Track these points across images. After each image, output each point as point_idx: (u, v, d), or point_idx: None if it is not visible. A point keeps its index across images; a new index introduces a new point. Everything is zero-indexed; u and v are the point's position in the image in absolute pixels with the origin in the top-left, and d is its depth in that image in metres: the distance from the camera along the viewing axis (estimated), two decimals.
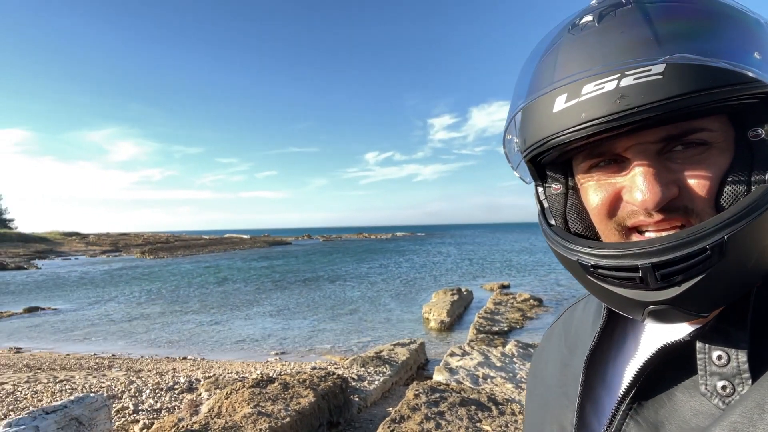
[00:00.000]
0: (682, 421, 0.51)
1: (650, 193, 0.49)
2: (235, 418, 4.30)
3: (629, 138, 0.51)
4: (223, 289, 23.56)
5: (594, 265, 0.52)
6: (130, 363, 9.56)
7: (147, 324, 15.27)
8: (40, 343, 12.78)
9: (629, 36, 0.47)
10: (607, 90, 0.47)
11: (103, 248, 61.23)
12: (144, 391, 6.39)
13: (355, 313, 16.01)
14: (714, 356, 0.50)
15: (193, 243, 63.70)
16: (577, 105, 0.49)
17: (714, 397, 0.50)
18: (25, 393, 6.28)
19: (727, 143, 0.50)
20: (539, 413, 0.72)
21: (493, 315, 13.64)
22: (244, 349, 11.71)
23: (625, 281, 0.50)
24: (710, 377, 0.50)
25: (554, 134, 0.51)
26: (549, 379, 0.73)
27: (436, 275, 27.65)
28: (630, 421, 0.55)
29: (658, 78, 0.45)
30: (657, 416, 0.53)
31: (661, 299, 0.48)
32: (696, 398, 0.51)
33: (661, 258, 0.47)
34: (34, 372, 8.03)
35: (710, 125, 0.49)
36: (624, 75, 0.46)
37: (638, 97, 0.45)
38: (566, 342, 0.75)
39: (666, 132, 0.49)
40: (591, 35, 0.50)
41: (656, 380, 0.55)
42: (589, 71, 0.48)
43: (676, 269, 0.47)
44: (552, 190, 0.63)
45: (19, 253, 48.11)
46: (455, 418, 4.41)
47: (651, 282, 0.48)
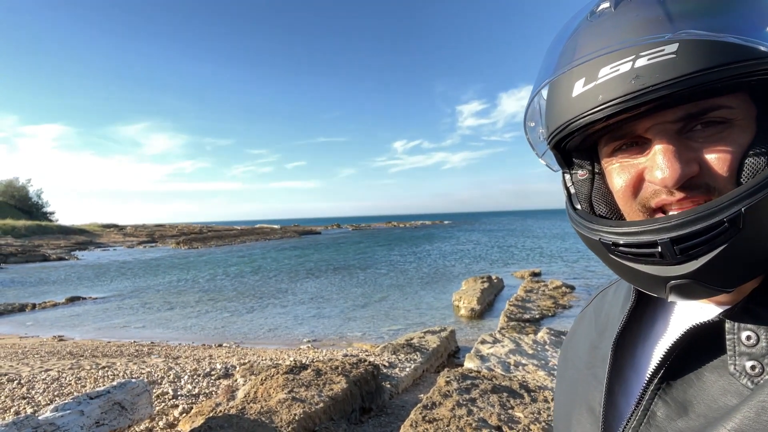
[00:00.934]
0: (711, 400, 0.51)
1: (670, 170, 0.50)
2: (270, 403, 4.39)
3: (649, 118, 0.52)
4: (256, 278, 23.97)
5: (614, 243, 0.53)
6: (168, 350, 9.84)
7: (183, 312, 15.67)
8: (82, 331, 13.24)
9: (642, 17, 0.48)
10: (623, 71, 0.48)
11: (139, 239, 62.82)
12: (182, 377, 6.57)
13: (385, 301, 16.10)
14: (743, 336, 0.51)
15: (225, 233, 64.81)
16: (595, 88, 0.50)
17: (743, 376, 0.50)
18: (69, 379, 6.54)
19: (748, 120, 0.50)
20: (569, 395, 0.73)
21: (524, 302, 13.52)
22: (277, 337, 11.92)
23: (646, 257, 0.51)
24: (739, 357, 0.51)
25: (574, 118, 0.53)
26: (578, 362, 0.74)
27: (466, 263, 27.53)
28: (658, 400, 0.55)
29: (672, 57, 0.46)
30: (685, 396, 0.54)
31: (682, 273, 0.49)
32: (725, 378, 0.51)
33: (678, 232, 0.48)
34: (77, 359, 8.34)
35: (730, 102, 0.49)
36: (638, 56, 0.47)
37: (652, 77, 0.46)
38: (596, 325, 0.75)
39: (685, 111, 0.50)
40: (607, 20, 0.51)
41: (685, 361, 0.55)
42: (603, 50, 0.49)
43: (694, 243, 0.48)
44: (578, 176, 0.64)
45: (60, 245, 49.73)
46: (487, 405, 4.41)
47: (670, 257, 0.49)
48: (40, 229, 56.61)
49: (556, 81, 0.55)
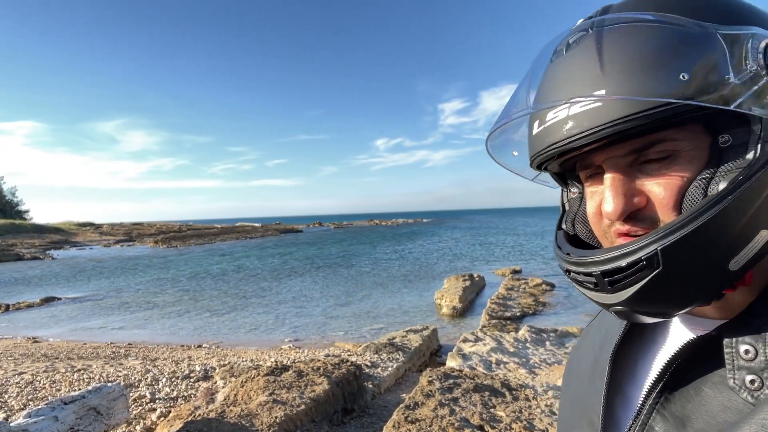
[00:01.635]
0: (710, 416, 0.51)
1: (612, 205, 0.53)
2: (250, 406, 4.33)
3: (603, 152, 0.55)
4: (236, 277, 23.75)
5: (567, 269, 0.58)
6: (146, 351, 9.68)
7: (162, 312, 15.45)
8: (58, 332, 12.97)
9: (581, 67, 0.52)
10: (560, 117, 0.53)
11: (116, 238, 61.88)
12: (160, 379, 6.46)
13: (367, 300, 16.07)
14: (741, 350, 0.51)
15: (205, 232, 64.10)
16: (543, 130, 0.55)
17: (743, 391, 0.50)
18: (43, 383, 6.38)
19: (697, 151, 0.52)
20: (572, 408, 0.73)
21: (506, 300, 13.61)
22: (258, 337, 11.81)
23: (588, 284, 0.56)
24: (738, 371, 0.51)
25: (535, 154, 0.59)
26: (582, 375, 0.74)
27: (447, 261, 27.66)
28: (656, 415, 0.56)
29: (599, 105, 0.50)
30: (684, 411, 0.54)
31: (616, 302, 0.53)
32: (724, 393, 0.51)
33: (605, 267, 0.52)
34: (52, 361, 8.15)
35: (675, 135, 0.51)
36: (573, 103, 0.52)
37: (582, 124, 0.51)
38: (598, 338, 0.76)
39: (630, 146, 0.53)
40: (558, 65, 0.55)
41: (684, 375, 0.56)
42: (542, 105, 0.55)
43: (619, 277, 0.52)
44: (571, 194, 0.69)
45: (35, 244, 48.72)
46: (469, 404, 4.41)
47: (603, 286, 0.54)
48: (13, 228, 55.35)
49: (529, 116, 0.60)
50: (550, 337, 9.50)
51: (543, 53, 0.60)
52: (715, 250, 0.48)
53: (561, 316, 12.24)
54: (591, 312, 12.46)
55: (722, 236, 0.48)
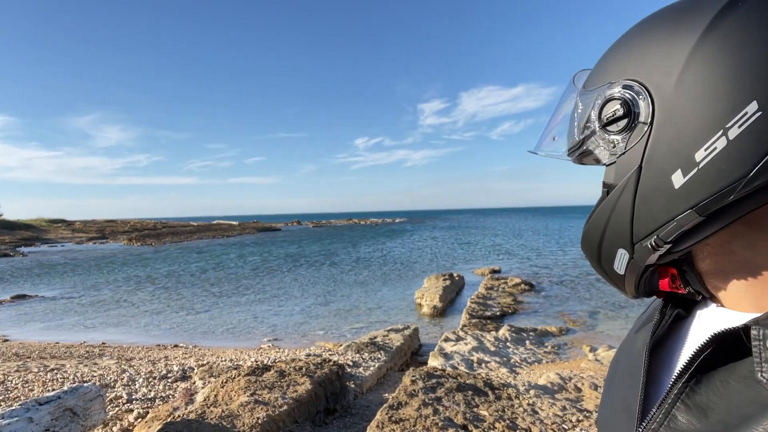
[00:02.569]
0: (734, 408, 0.51)
1: None
2: (231, 407, 4.26)
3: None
4: (213, 275, 23.44)
5: None
6: (120, 351, 9.49)
7: (136, 311, 15.16)
8: (29, 331, 12.63)
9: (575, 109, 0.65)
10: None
11: (89, 235, 60.61)
12: (137, 379, 6.32)
13: (347, 299, 16.01)
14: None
15: (181, 230, 63.16)
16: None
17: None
18: (15, 383, 6.19)
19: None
20: (609, 395, 0.75)
21: (486, 300, 13.70)
22: (236, 336, 11.67)
23: None
24: (766, 363, 0.50)
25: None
26: (627, 363, 0.75)
27: (427, 260, 27.74)
28: (680, 404, 0.56)
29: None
30: (708, 401, 0.54)
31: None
32: (751, 387, 0.51)
33: None
34: (23, 361, 7.92)
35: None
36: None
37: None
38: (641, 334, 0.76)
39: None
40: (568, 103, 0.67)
41: (713, 367, 0.56)
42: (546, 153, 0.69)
43: None
44: None
45: (5, 241, 47.52)
46: (453, 404, 4.41)
47: None
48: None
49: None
50: (529, 337, 9.59)
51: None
52: (596, 255, 0.64)
53: (540, 316, 12.36)
54: (568, 312, 12.63)
55: (593, 246, 0.64)
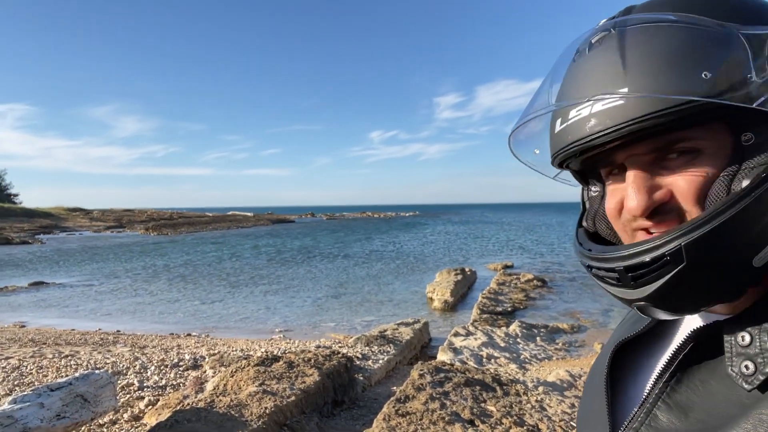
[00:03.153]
0: (712, 407, 0.53)
1: (636, 201, 0.55)
2: (240, 396, 4.30)
3: (624, 150, 0.56)
4: (227, 266, 23.65)
5: (589, 265, 0.60)
6: (134, 339, 9.62)
7: (151, 300, 15.36)
8: (45, 317, 12.85)
9: (603, 66, 0.53)
10: (583, 115, 0.54)
11: (107, 224, 61.42)
12: (149, 367, 6.41)
13: (358, 292, 16.06)
14: (739, 338, 0.53)
15: (196, 220, 63.75)
16: (566, 128, 0.57)
17: (739, 377, 0.51)
18: (30, 368, 6.31)
19: (719, 149, 0.53)
20: (587, 399, 0.76)
21: (497, 295, 13.64)
22: (248, 326, 11.78)
23: (610, 280, 0.57)
24: (736, 358, 0.53)
25: (557, 152, 0.61)
26: (599, 368, 0.76)
27: (440, 254, 27.71)
28: (661, 404, 0.58)
29: (621, 103, 0.51)
30: (688, 401, 0.56)
31: (638, 297, 0.54)
32: (729, 387, 0.53)
33: (628, 262, 0.54)
34: (39, 347, 8.07)
35: (697, 134, 0.52)
36: (596, 101, 0.53)
37: (603, 121, 0.52)
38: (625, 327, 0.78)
39: (653, 144, 0.54)
40: (581, 64, 0.57)
41: (692, 366, 0.58)
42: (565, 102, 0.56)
43: (642, 272, 0.53)
44: (591, 192, 0.70)
45: (24, 228, 48.31)
46: (460, 399, 4.40)
47: (625, 282, 0.55)
48: (2, 212, 54.77)
49: (551, 113, 0.62)
50: (540, 333, 9.54)
51: (565, 53, 0.62)
52: (739, 247, 0.49)
53: (552, 313, 12.29)
54: (580, 310, 12.54)
55: (746, 232, 0.49)
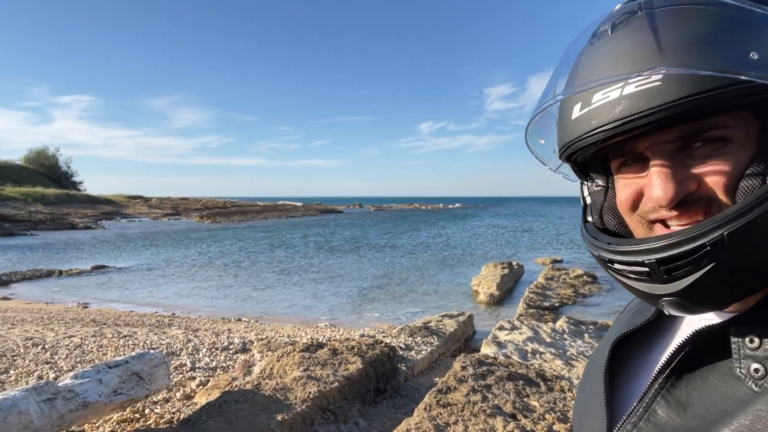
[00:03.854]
0: (711, 403, 0.53)
1: (663, 191, 0.52)
2: (285, 380, 4.42)
3: (647, 138, 0.54)
4: (277, 254, 24.22)
5: (610, 260, 0.57)
6: (188, 322, 10.01)
7: (205, 285, 15.93)
8: (106, 299, 13.55)
9: (634, 46, 0.50)
10: (612, 98, 0.51)
11: (164, 211, 63.84)
12: (201, 349, 6.67)
13: (404, 283, 16.12)
14: (747, 340, 0.52)
15: (248, 209, 65.45)
16: (589, 113, 0.54)
17: (748, 379, 0.51)
18: (91, 346, 6.69)
19: (749, 138, 0.51)
20: (587, 392, 0.75)
21: (545, 290, 13.38)
22: (296, 314, 12.04)
23: (637, 275, 0.54)
24: (744, 360, 0.52)
25: (573, 140, 0.57)
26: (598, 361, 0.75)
27: (487, 247, 27.40)
28: (661, 399, 0.57)
29: (657, 84, 0.48)
30: (688, 397, 0.55)
31: (670, 292, 0.52)
32: (729, 384, 0.52)
33: (663, 254, 0.50)
34: (100, 327, 8.53)
35: (727, 122, 0.50)
36: (627, 83, 0.50)
37: (638, 104, 0.49)
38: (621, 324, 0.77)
39: (680, 131, 0.52)
40: (604, 45, 0.54)
41: (693, 364, 0.57)
42: (593, 82, 0.52)
43: (678, 264, 0.50)
44: (594, 187, 0.68)
45: (88, 214, 50.83)
46: (502, 392, 4.37)
47: (657, 276, 0.52)
48: (68, 198, 57.77)
49: (562, 101, 0.59)
50: (588, 330, 9.30)
51: (578, 40, 0.59)
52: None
53: (601, 309, 11.95)
54: None
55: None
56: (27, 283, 15.59)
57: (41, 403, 3.03)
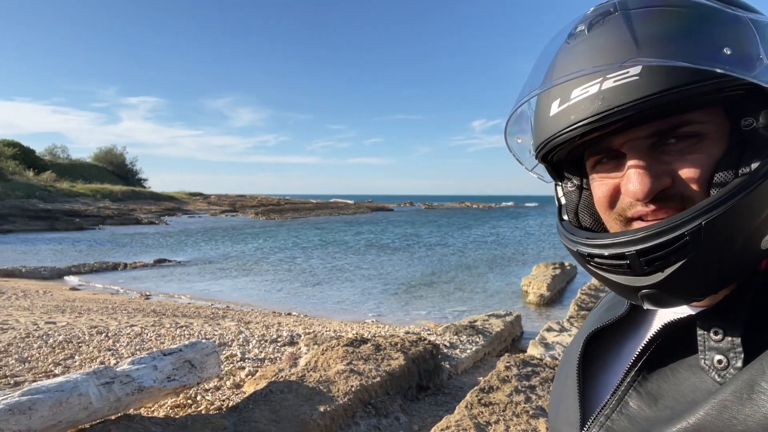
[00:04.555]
0: (681, 395, 0.54)
1: (640, 185, 0.53)
2: (329, 373, 4.53)
3: (623, 135, 0.55)
4: (330, 250, 24.62)
5: (590, 254, 0.58)
6: (241, 314, 10.36)
7: (259, 279, 16.40)
8: (166, 291, 14.18)
9: (611, 41, 0.52)
10: (591, 93, 0.52)
11: (222, 208, 65.88)
12: (251, 341, 6.91)
13: (452, 281, 16.04)
14: (712, 333, 0.54)
15: (301, 206, 66.69)
16: (567, 108, 0.55)
17: (712, 371, 0.53)
18: (150, 335, 7.06)
19: (721, 134, 0.53)
20: (558, 385, 0.77)
21: (598, 292, 12.96)
22: (344, 309, 12.21)
23: (617, 268, 0.55)
24: (708, 352, 0.54)
25: (551, 136, 0.58)
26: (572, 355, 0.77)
27: (539, 247, 26.80)
28: (633, 392, 0.59)
29: (635, 79, 0.50)
30: (658, 389, 0.57)
31: (649, 284, 0.53)
32: (697, 375, 0.54)
33: (643, 245, 0.52)
34: (159, 317, 8.97)
35: (700, 118, 0.52)
36: (606, 78, 0.51)
37: (617, 98, 0.50)
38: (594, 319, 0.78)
39: (656, 127, 0.53)
40: (582, 43, 0.55)
41: (663, 356, 0.59)
42: (572, 74, 0.53)
43: (658, 255, 0.51)
44: (568, 188, 0.69)
45: (151, 210, 53.12)
46: (546, 394, 4.31)
47: (637, 268, 0.53)
48: (134, 195, 60.46)
49: (538, 100, 0.61)
50: None
51: (554, 41, 0.60)
52: (753, 227, 0.50)
53: None
54: None
55: (757, 214, 0.50)
56: (94, 275, 16.51)
57: (100, 386, 3.25)
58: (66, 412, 2.97)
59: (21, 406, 2.75)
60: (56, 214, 36.43)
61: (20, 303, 9.77)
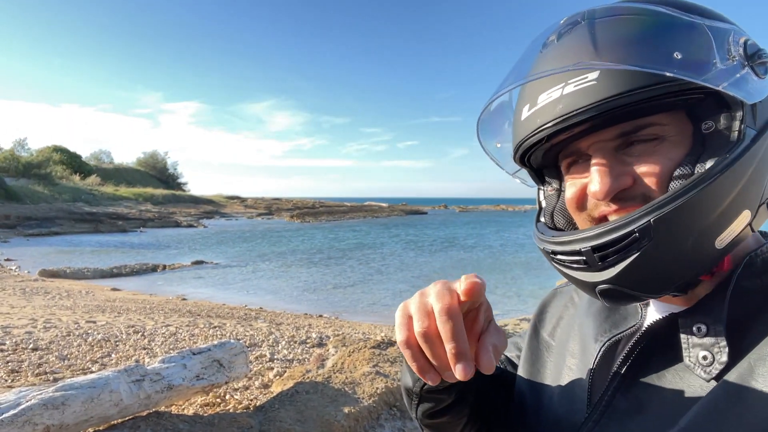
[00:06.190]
0: (667, 400, 0.55)
1: (600, 185, 0.55)
2: (354, 375, 4.55)
3: (589, 137, 0.58)
4: (364, 252, 24.74)
5: (553, 251, 0.61)
6: (273, 316, 10.50)
7: (293, 281, 16.60)
8: (202, 292, 14.50)
9: (574, 48, 0.55)
10: (554, 98, 0.55)
11: (258, 211, 67.09)
12: (280, 342, 7.00)
13: (486, 285, 15.86)
14: (694, 329, 0.55)
15: (335, 209, 67.27)
16: (535, 113, 0.58)
17: (697, 367, 0.53)
18: (184, 335, 7.23)
19: (682, 136, 0.55)
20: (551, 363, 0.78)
21: None
22: (375, 312, 12.24)
23: (576, 264, 0.57)
24: (692, 349, 0.55)
25: (522, 139, 0.61)
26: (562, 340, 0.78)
27: None
28: (620, 396, 0.60)
29: (593, 84, 0.52)
30: (644, 393, 0.58)
31: (604, 279, 0.54)
32: (684, 379, 0.55)
33: (596, 242, 0.54)
34: (194, 317, 9.18)
35: (662, 120, 0.54)
36: (567, 83, 0.54)
37: (576, 101, 0.53)
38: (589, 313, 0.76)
39: (620, 129, 0.55)
40: (551, 51, 0.58)
41: (649, 359, 0.60)
42: (531, 76, 0.57)
43: (610, 251, 0.53)
44: (548, 191, 0.72)
45: (191, 213, 54.51)
46: None
47: (592, 264, 0.55)
48: (174, 198, 62.21)
49: (516, 106, 0.63)
50: None
51: (531, 47, 0.63)
52: (703, 226, 0.51)
53: None
54: None
55: (709, 213, 0.50)
56: (135, 276, 17.02)
57: (131, 384, 3.35)
58: (97, 408, 3.07)
59: (54, 401, 2.87)
60: (100, 216, 37.80)
61: (63, 303, 10.16)
